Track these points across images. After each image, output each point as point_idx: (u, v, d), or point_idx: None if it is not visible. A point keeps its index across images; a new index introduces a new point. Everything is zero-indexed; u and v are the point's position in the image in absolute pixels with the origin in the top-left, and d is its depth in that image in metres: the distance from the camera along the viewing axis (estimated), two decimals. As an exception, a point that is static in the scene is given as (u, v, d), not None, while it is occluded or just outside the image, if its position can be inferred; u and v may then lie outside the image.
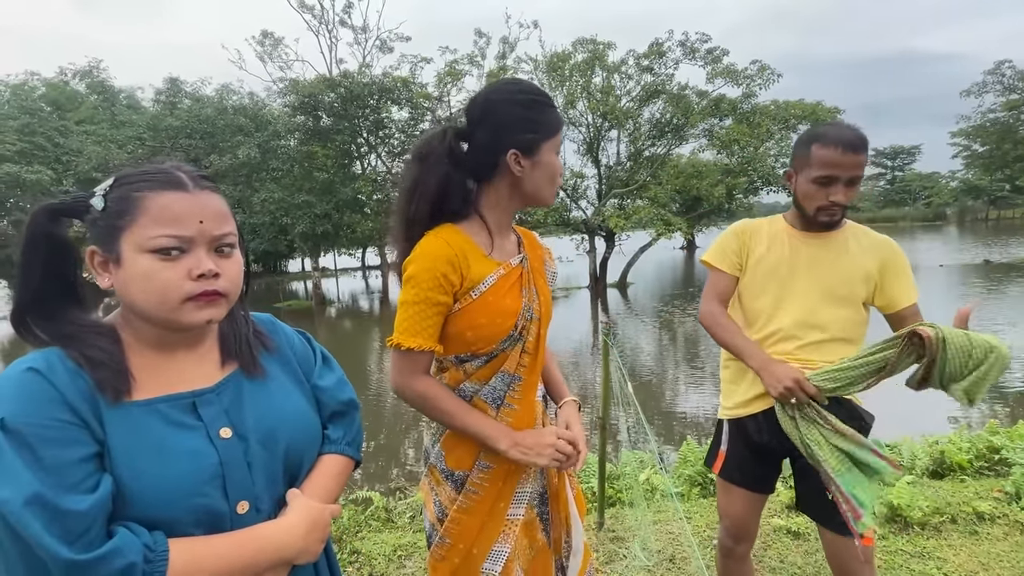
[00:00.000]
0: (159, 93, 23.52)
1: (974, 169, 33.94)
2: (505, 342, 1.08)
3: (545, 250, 1.26)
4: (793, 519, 2.48)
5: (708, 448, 1.74)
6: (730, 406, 1.59)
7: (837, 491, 1.32)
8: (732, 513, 1.61)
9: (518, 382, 1.11)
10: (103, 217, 0.71)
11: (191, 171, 0.75)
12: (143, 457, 0.67)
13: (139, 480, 0.67)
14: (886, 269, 1.46)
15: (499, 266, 1.10)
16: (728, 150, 17.14)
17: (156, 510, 0.67)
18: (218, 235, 0.74)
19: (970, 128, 24.37)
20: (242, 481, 0.73)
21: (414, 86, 17.87)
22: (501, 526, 1.11)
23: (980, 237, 34.38)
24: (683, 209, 19.06)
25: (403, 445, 6.56)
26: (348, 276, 32.10)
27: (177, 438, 0.70)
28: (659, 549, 2.33)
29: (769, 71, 16.15)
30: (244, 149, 16.89)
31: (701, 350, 10.11)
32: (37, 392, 0.65)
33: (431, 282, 1.02)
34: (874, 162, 68.90)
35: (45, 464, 0.62)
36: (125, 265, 0.70)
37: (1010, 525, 2.36)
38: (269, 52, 21.24)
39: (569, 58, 17.12)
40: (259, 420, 0.77)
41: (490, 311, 1.05)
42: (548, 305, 1.18)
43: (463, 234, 1.09)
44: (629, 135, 18.17)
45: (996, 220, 52.38)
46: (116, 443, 0.67)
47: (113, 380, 0.69)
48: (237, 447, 0.74)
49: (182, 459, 0.69)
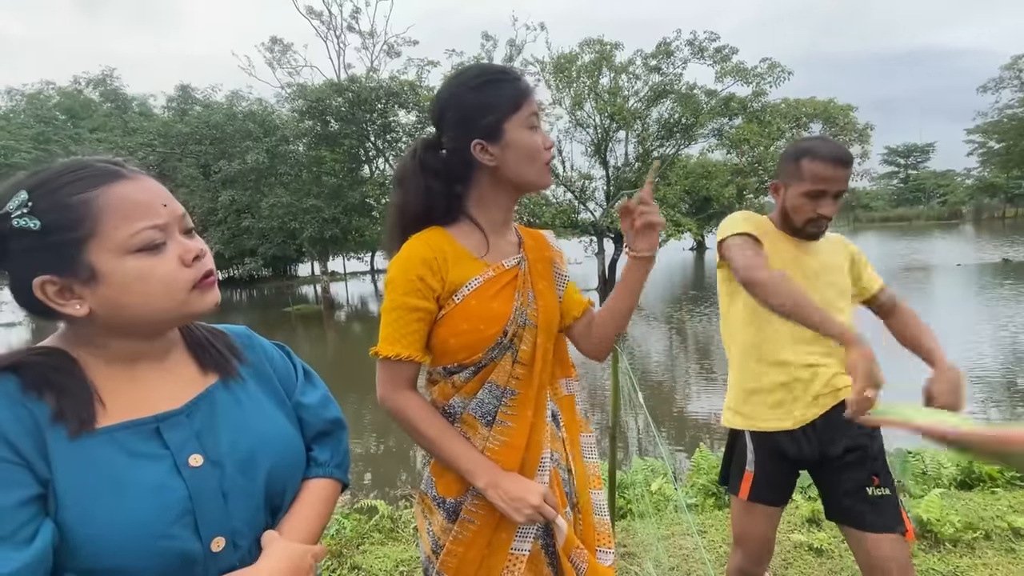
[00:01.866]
0: (170, 100, 23.85)
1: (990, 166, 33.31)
2: (493, 351, 0.99)
3: (556, 252, 1.14)
4: (815, 535, 2.35)
5: (722, 466, 1.61)
6: (761, 418, 1.46)
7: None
8: (757, 535, 1.50)
9: (511, 396, 1.00)
10: (42, 237, 0.59)
11: (113, 158, 0.67)
12: (97, 497, 0.59)
13: (92, 524, 0.58)
14: (855, 262, 1.54)
15: (488, 268, 1.01)
16: (738, 149, 16.94)
17: (114, 558, 0.58)
18: (181, 214, 0.68)
19: (986, 124, 23.90)
20: (216, 514, 0.65)
21: (421, 89, 17.89)
22: (504, 561, 1.00)
23: (997, 235, 33.67)
24: (693, 210, 18.88)
25: (413, 448, 6.48)
26: (357, 280, 32.21)
27: (137, 472, 0.61)
28: (673, 566, 2.22)
29: (779, 69, 15.95)
30: (253, 154, 17.01)
31: (712, 352, 9.94)
32: None
33: (406, 285, 0.97)
34: (887, 160, 68.10)
35: None
36: (106, 277, 0.61)
37: (1047, 542, 2.22)
38: (278, 58, 21.41)
39: (576, 59, 17.04)
40: (236, 443, 0.69)
41: (473, 316, 0.98)
42: (550, 311, 1.05)
43: (448, 236, 1.01)
44: (637, 136, 18.03)
45: (1013, 218, 51.34)
46: (66, 481, 0.58)
47: (78, 408, 0.61)
48: (210, 476, 0.65)
49: (143, 496, 0.60)
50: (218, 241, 19.21)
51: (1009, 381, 7.30)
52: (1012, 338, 9.50)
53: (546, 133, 1.03)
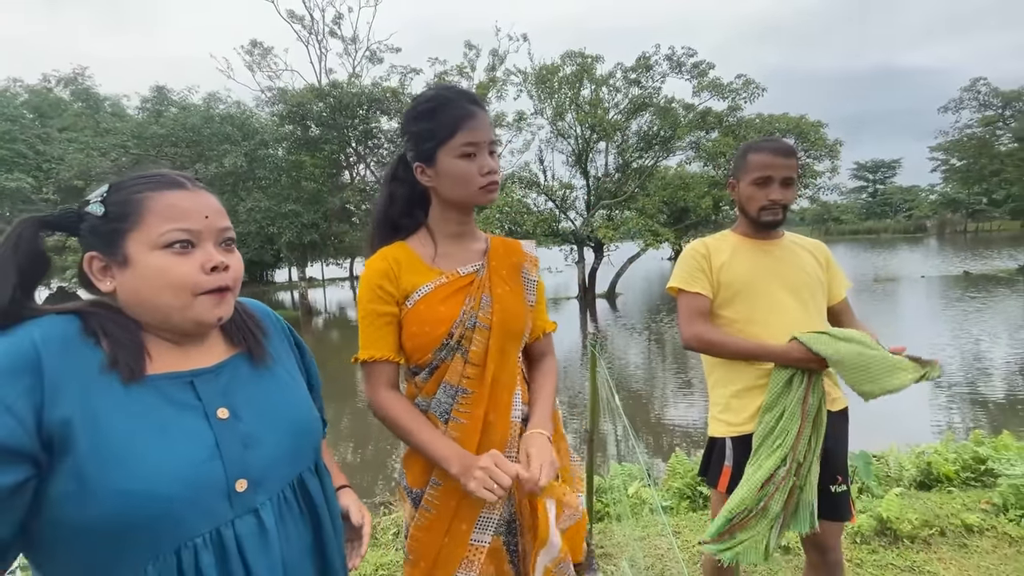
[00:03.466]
0: (145, 101, 23.32)
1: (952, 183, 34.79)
2: (440, 351, 1.07)
3: (529, 257, 1.19)
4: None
5: (701, 464, 1.69)
6: (737, 422, 1.55)
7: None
8: None
9: (465, 395, 1.07)
10: (103, 222, 0.71)
11: (185, 174, 0.78)
12: (147, 434, 0.67)
13: (144, 458, 0.65)
14: (828, 265, 1.62)
15: (441, 275, 1.09)
16: (714, 162, 17.36)
17: (161, 484, 0.66)
18: (222, 228, 0.76)
19: (948, 143, 24.98)
20: (238, 461, 0.73)
21: (403, 96, 17.91)
22: (464, 550, 1.06)
23: (959, 248, 35.11)
24: (671, 220, 19.22)
25: (389, 458, 6.44)
26: (335, 286, 31.84)
27: (177, 417, 0.70)
28: (648, 565, 2.28)
29: (754, 85, 16.44)
30: (231, 158, 16.75)
31: (690, 360, 10.14)
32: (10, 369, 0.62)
33: (370, 294, 1.09)
34: (856, 175, 70.47)
35: None
36: (134, 265, 0.70)
37: (998, 537, 2.35)
38: (258, 61, 21.19)
39: (558, 71, 17.29)
40: (259, 405, 0.78)
41: (420, 319, 1.07)
42: (507, 313, 1.10)
43: (407, 248, 1.12)
44: (617, 147, 18.35)
45: (975, 232, 53.64)
46: (114, 420, 0.66)
47: (130, 358, 0.69)
48: (233, 428, 0.74)
49: (181, 437, 0.69)
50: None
51: (971, 387, 7.63)
52: (973, 347, 9.92)
53: (494, 154, 1.08)
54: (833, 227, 56.39)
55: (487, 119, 1.08)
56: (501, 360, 1.09)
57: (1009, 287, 17.51)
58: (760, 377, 1.52)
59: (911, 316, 13.74)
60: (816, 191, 18.84)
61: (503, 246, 1.18)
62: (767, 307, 1.51)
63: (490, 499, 0.96)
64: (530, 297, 1.17)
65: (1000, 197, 37.11)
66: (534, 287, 1.18)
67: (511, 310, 1.11)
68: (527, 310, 1.15)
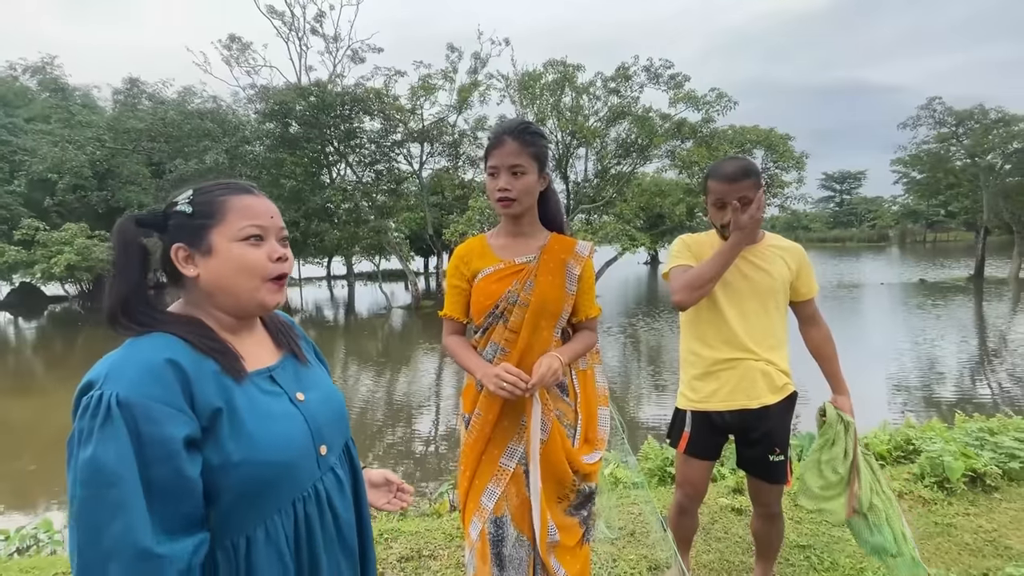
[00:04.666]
0: (117, 93, 22.80)
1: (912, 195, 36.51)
2: (489, 317, 1.46)
3: (576, 256, 1.48)
4: (737, 499, 2.82)
5: (669, 429, 2.00)
6: (696, 400, 1.85)
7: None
8: (693, 480, 1.92)
9: (502, 352, 1.44)
10: (191, 219, 0.85)
11: (250, 183, 0.95)
12: (263, 419, 0.83)
13: (268, 435, 0.83)
14: (799, 269, 1.81)
15: (500, 262, 1.47)
16: (689, 171, 18.00)
17: (282, 454, 0.84)
18: (281, 227, 0.92)
19: (907, 157, 26.29)
20: (319, 431, 0.91)
21: (387, 98, 18.01)
22: (494, 469, 1.42)
23: (919, 257, 36.94)
24: (647, 225, 19.81)
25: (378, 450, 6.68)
26: (312, 285, 31.56)
27: (275, 403, 0.87)
28: (622, 526, 2.62)
29: (726, 99, 17.13)
30: (212, 154, 16.62)
31: (663, 362, 10.59)
32: (168, 378, 0.76)
33: (451, 270, 1.54)
34: (824, 185, 72.95)
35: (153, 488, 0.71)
36: (218, 253, 0.85)
37: (915, 500, 2.77)
38: (236, 57, 20.89)
39: (540, 78, 17.70)
40: (316, 390, 0.96)
41: (479, 292, 1.48)
42: (545, 297, 1.42)
43: (483, 239, 1.51)
44: (596, 153, 18.84)
45: (933, 242, 56.32)
46: (242, 411, 0.81)
47: (233, 363, 0.84)
48: (308, 407, 0.92)
49: (284, 417, 0.87)
50: (170, 242, 18.49)
51: (924, 390, 8.26)
52: (928, 350, 10.65)
53: (516, 175, 1.41)
54: (802, 235, 58.32)
55: (513, 147, 1.39)
56: (534, 331, 1.42)
57: (961, 295, 18.64)
58: (712, 365, 1.80)
59: (870, 320, 14.57)
60: (784, 200, 19.68)
61: (558, 243, 1.48)
62: (728, 303, 1.77)
63: (502, 395, 1.33)
64: (570, 287, 1.46)
65: (956, 209, 39.17)
66: (575, 279, 1.47)
67: (549, 294, 1.43)
68: (565, 296, 1.45)
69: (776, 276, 1.77)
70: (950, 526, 2.54)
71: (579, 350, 1.51)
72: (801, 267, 1.81)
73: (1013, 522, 2.57)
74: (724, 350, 1.79)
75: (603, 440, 1.55)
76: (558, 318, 1.46)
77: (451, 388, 9.68)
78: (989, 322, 13.89)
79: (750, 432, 1.83)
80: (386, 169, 20.22)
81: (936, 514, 2.65)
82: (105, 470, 0.69)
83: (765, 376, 1.78)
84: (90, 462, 0.69)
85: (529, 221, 1.50)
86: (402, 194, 20.75)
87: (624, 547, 2.44)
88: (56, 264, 15.97)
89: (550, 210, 1.54)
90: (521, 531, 1.43)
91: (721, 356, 1.79)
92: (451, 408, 8.39)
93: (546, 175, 1.49)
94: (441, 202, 21.15)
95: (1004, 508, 2.69)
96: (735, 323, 1.77)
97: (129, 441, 0.70)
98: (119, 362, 0.76)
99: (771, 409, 1.79)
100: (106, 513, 0.68)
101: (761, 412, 1.79)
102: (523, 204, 1.43)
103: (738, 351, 1.78)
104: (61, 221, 18.14)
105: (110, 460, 0.69)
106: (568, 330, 1.55)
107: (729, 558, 2.34)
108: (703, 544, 2.45)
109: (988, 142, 21.78)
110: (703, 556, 2.36)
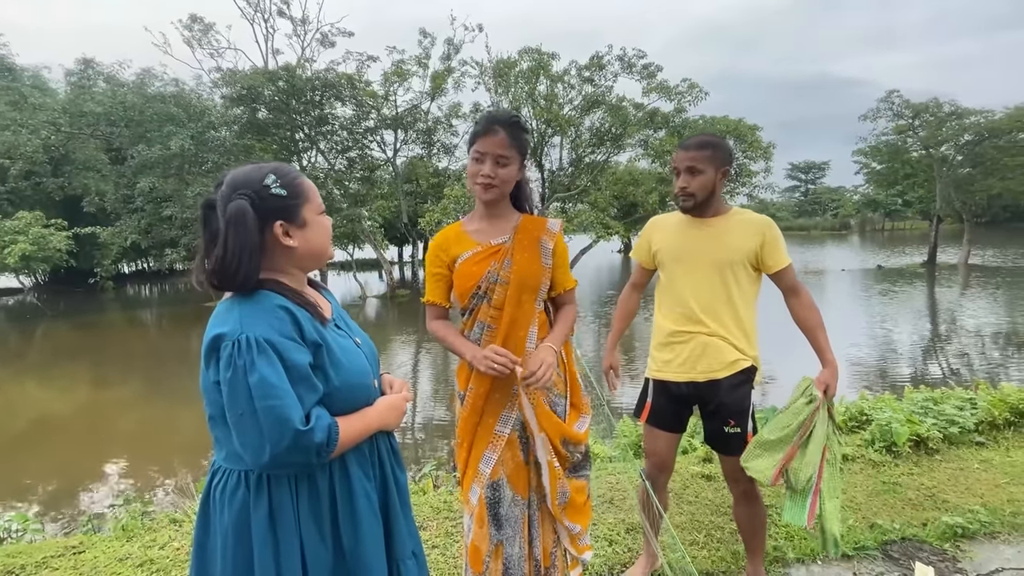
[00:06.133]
0: (70, 74, 21.73)
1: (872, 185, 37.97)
2: (473, 299, 1.55)
3: (547, 232, 1.59)
4: (708, 468, 3.02)
5: (637, 402, 2.09)
6: (654, 368, 1.97)
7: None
8: (657, 451, 2.01)
9: (489, 330, 1.54)
10: (285, 200, 1.03)
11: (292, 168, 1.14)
12: (345, 353, 1.08)
13: (350, 365, 1.07)
14: (764, 241, 1.80)
15: (477, 245, 1.56)
16: (661, 160, 18.33)
17: (363, 378, 1.10)
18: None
19: (867, 148, 27.31)
20: (374, 367, 1.17)
21: (359, 83, 17.69)
22: (490, 437, 1.54)
23: (877, 245, 38.60)
24: (620, 214, 20.13)
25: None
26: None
27: (347, 343, 1.11)
28: (599, 495, 2.79)
29: (698, 89, 17.48)
30: (176, 140, 16.05)
31: (636, 347, 10.89)
32: (287, 321, 0.99)
33: (431, 257, 1.62)
34: (790, 175, 75.13)
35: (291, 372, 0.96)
36: (310, 225, 1.07)
37: (865, 462, 3.02)
38: (198, 38, 20.05)
39: (515, 65, 17.67)
40: (360, 336, 1.20)
41: (460, 276, 1.57)
42: (523, 272, 1.52)
43: (459, 226, 1.61)
44: (571, 142, 18.99)
45: (891, 230, 58.80)
46: (333, 348, 1.05)
47: (317, 310, 1.06)
48: (365, 348, 1.16)
49: (356, 354, 1.12)
50: (134, 231, 17.84)
51: (880, 368, 8.76)
52: (884, 333, 11.24)
53: (499, 164, 1.51)
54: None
55: (503, 138, 1.48)
56: (517, 306, 1.52)
57: (916, 280, 19.63)
58: (668, 336, 1.89)
59: (833, 304, 15.24)
60: (752, 189, 20.26)
61: (530, 223, 1.59)
62: (683, 275, 1.86)
63: (492, 373, 1.44)
64: (546, 261, 1.57)
65: (912, 199, 40.95)
66: (550, 253, 1.58)
67: (526, 270, 1.54)
68: (543, 270, 1.57)
69: (734, 248, 1.80)
70: (896, 484, 2.79)
71: (566, 330, 1.63)
72: (766, 239, 1.80)
73: (950, 480, 2.84)
74: (679, 321, 1.87)
75: (586, 404, 1.68)
76: (538, 291, 1.57)
77: (428, 377, 9.76)
78: (941, 306, 14.72)
79: (705, 404, 1.89)
80: (359, 156, 19.91)
81: (884, 475, 2.90)
82: (275, 386, 0.92)
83: (716, 350, 1.82)
84: (261, 382, 0.92)
85: (504, 205, 1.60)
86: (375, 182, 20.51)
87: (603, 513, 2.60)
88: (10, 255, 15.27)
89: (521, 195, 1.65)
90: (517, 491, 1.55)
91: (675, 328, 1.87)
92: (428, 397, 8.48)
93: (524, 166, 1.60)
94: (416, 190, 21.01)
95: (943, 468, 2.97)
96: (688, 295, 1.84)
97: (280, 364, 0.94)
98: (246, 314, 0.97)
99: (721, 383, 1.82)
100: (282, 413, 0.92)
101: (712, 384, 1.84)
102: (502, 191, 1.54)
103: (690, 324, 1.85)
104: (13, 209, 17.32)
105: (274, 378, 0.93)
106: (548, 305, 1.66)
107: (699, 519, 2.53)
108: (675, 507, 2.63)
109: (942, 134, 22.79)
110: (675, 518, 2.54)
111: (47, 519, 4.80)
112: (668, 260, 1.92)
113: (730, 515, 2.53)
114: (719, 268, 1.82)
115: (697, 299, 1.84)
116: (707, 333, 1.84)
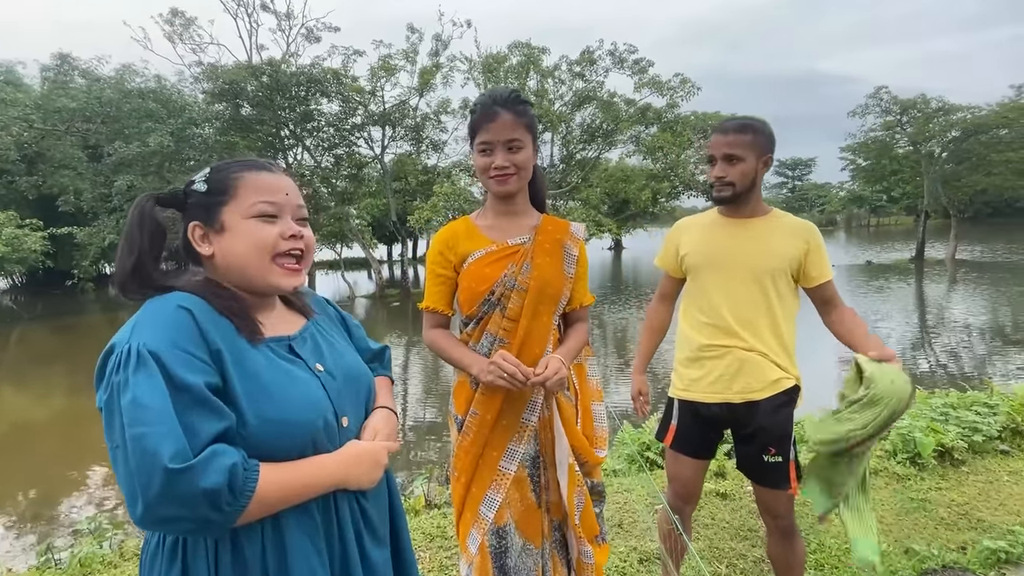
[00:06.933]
0: (46, 70, 21.04)
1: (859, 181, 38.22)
2: (483, 305, 1.29)
3: (571, 237, 1.37)
4: (722, 484, 2.81)
5: (660, 422, 1.85)
6: (680, 387, 1.73)
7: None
8: (681, 478, 1.78)
9: (501, 344, 1.28)
10: (206, 197, 0.85)
11: (270, 160, 0.93)
12: (282, 381, 0.83)
13: (286, 397, 0.82)
14: (809, 250, 1.60)
15: (492, 244, 1.31)
16: (653, 156, 18.18)
17: (300, 412, 0.82)
18: (298, 205, 0.90)
19: (855, 144, 27.40)
20: (339, 402, 0.90)
21: (345, 79, 17.30)
22: (493, 474, 1.28)
23: (864, 241, 38.91)
24: (612, 211, 19.97)
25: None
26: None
27: (294, 369, 0.86)
28: (608, 517, 2.56)
29: (690, 84, 17.33)
30: (156, 136, 15.56)
31: (629, 344, 10.71)
32: (184, 327, 0.77)
33: (434, 257, 1.36)
34: (777, 172, 75.56)
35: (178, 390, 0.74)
36: (229, 230, 0.84)
37: (890, 476, 2.83)
38: (180, 33, 19.48)
39: (505, 60, 17.39)
40: (336, 360, 0.95)
41: (470, 278, 1.31)
42: (544, 280, 1.29)
43: (469, 220, 1.34)
44: (562, 138, 18.77)
45: (876, 226, 59.45)
46: (254, 372, 0.80)
47: (250, 326, 0.84)
48: (328, 377, 0.90)
49: (304, 383, 0.86)
50: (111, 230, 17.30)
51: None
52: (872, 328, 11.18)
53: (512, 150, 1.28)
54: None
55: (508, 119, 1.25)
56: (534, 318, 1.28)
57: (906, 275, 19.72)
58: (698, 350, 1.65)
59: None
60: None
61: (551, 224, 1.37)
62: (716, 283, 1.62)
63: (501, 384, 1.20)
64: (569, 269, 1.35)
65: (897, 195, 41.31)
66: (574, 261, 1.36)
67: (548, 277, 1.30)
68: (565, 279, 1.34)
69: (777, 254, 1.59)
70: (925, 501, 2.60)
71: (576, 349, 1.39)
72: (811, 247, 1.60)
73: (981, 495, 2.66)
74: (710, 334, 1.64)
75: (603, 439, 1.44)
76: (557, 303, 1.34)
77: (417, 380, 9.50)
78: (930, 300, 14.73)
79: (741, 428, 1.67)
80: (346, 154, 19.52)
81: (911, 490, 2.71)
82: (146, 408, 0.70)
83: (755, 367, 1.60)
84: (132, 404, 0.71)
85: (522, 199, 1.37)
86: (363, 179, 20.11)
87: (613, 539, 2.38)
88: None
89: (537, 186, 1.41)
90: (527, 539, 1.31)
91: (706, 341, 1.64)
92: (417, 401, 8.23)
93: (537, 146, 1.36)
94: (404, 188, 20.63)
95: (972, 481, 2.79)
96: (721, 304, 1.62)
97: (163, 382, 0.72)
98: (140, 320, 0.78)
99: (760, 405, 1.60)
100: (147, 444, 0.69)
101: (749, 406, 1.62)
102: (522, 179, 1.30)
103: (724, 337, 1.62)
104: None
105: (147, 398, 0.71)
106: (560, 322, 1.42)
107: (719, 545, 2.31)
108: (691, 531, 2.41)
109: (929, 130, 22.88)
110: (692, 544, 2.32)
111: (12, 533, 4.56)
112: (699, 265, 1.69)
113: (752, 540, 2.32)
114: (758, 276, 1.60)
115: (732, 309, 1.61)
116: (744, 348, 1.61)
